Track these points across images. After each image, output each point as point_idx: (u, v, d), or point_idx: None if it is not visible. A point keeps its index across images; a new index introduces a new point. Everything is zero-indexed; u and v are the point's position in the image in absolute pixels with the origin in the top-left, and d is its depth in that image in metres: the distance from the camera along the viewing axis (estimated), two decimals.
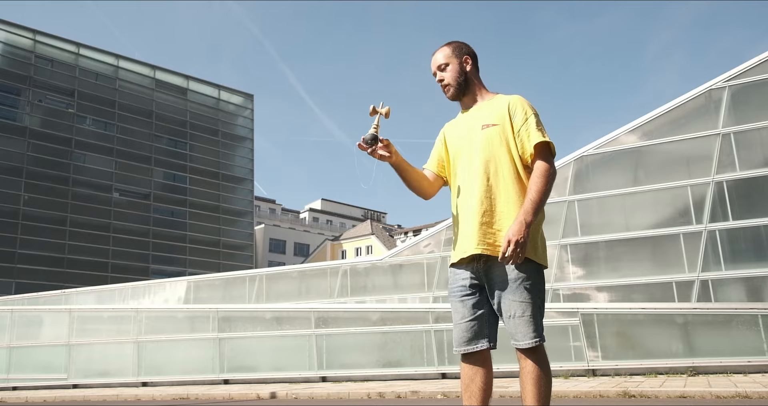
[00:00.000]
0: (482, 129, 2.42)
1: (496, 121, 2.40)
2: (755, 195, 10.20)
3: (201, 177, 49.23)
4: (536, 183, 2.28)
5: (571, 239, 11.25)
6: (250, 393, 9.36)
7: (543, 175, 2.29)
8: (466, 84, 2.52)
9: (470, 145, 2.44)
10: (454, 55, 2.52)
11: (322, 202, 73.58)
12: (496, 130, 2.39)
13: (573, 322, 9.23)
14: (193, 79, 50.96)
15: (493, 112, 2.43)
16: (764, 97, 10.39)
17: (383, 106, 2.42)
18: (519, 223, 2.20)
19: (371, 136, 2.32)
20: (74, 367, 12.86)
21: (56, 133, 42.28)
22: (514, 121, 2.38)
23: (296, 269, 14.86)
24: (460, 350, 2.37)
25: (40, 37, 43.29)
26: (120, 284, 17.88)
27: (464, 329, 2.36)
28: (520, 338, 2.25)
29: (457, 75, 2.50)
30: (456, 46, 2.55)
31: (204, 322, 12.12)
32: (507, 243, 2.18)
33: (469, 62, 2.52)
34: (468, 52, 2.54)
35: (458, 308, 2.40)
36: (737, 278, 10.03)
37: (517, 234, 2.18)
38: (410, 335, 10.48)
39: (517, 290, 2.26)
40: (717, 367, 8.35)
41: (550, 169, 2.31)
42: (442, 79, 2.53)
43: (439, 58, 2.54)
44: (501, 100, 2.46)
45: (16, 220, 39.27)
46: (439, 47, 2.57)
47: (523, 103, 2.42)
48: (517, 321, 2.26)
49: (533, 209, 2.23)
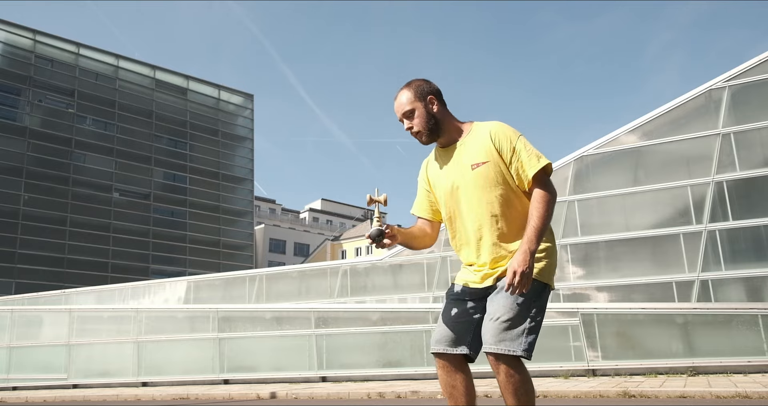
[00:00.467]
0: (473, 169, 2.31)
1: (485, 158, 2.30)
2: (755, 195, 10.20)
3: (201, 177, 49.25)
4: (537, 209, 2.22)
5: (571, 239, 11.25)
6: (250, 393, 9.36)
7: (542, 200, 2.23)
8: (437, 126, 2.38)
9: (465, 187, 2.34)
10: (417, 98, 2.38)
11: (322, 202, 73.59)
12: (488, 166, 2.30)
13: (573, 322, 9.23)
14: (193, 79, 50.98)
15: (479, 149, 2.33)
16: (764, 97, 10.39)
17: (379, 194, 2.39)
18: (523, 252, 2.13)
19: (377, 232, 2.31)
20: (74, 367, 12.86)
21: (56, 133, 42.30)
22: (503, 155, 2.29)
23: (296, 269, 14.87)
24: (436, 349, 2.28)
25: (40, 37, 43.32)
26: (120, 284, 17.89)
27: (448, 329, 2.29)
28: (492, 343, 2.12)
29: (426, 120, 2.37)
30: (417, 88, 2.41)
31: (204, 322, 12.12)
32: (512, 274, 2.10)
33: (435, 102, 2.39)
34: (430, 91, 2.40)
35: (449, 308, 2.34)
36: (737, 278, 10.03)
37: (522, 264, 2.10)
38: (410, 335, 10.49)
39: (510, 296, 2.17)
40: (717, 367, 8.35)
41: (549, 194, 2.25)
42: (411, 127, 2.39)
43: (402, 105, 2.40)
44: (481, 133, 2.35)
45: (16, 220, 39.29)
46: (400, 91, 2.44)
47: (505, 131, 2.33)
48: (496, 324, 2.14)
49: (536, 236, 2.17)
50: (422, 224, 2.56)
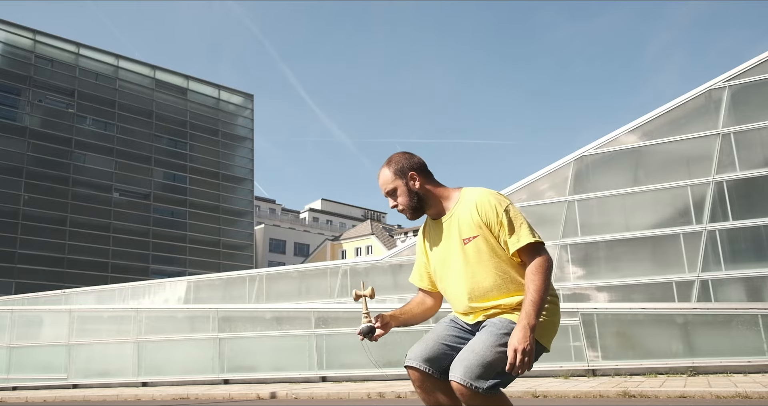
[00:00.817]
0: (465, 244, 2.28)
1: (475, 232, 2.25)
2: (755, 195, 10.20)
3: (201, 177, 49.26)
4: (533, 281, 2.13)
5: (571, 239, 11.25)
6: (250, 393, 9.36)
7: (537, 272, 2.15)
8: (421, 202, 2.36)
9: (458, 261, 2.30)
10: (398, 177, 2.35)
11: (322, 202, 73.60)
12: (479, 241, 2.25)
13: (573, 322, 9.23)
14: (193, 79, 50.99)
15: (468, 223, 2.28)
16: (764, 97, 10.39)
17: (365, 287, 2.38)
18: (523, 328, 2.04)
19: (367, 329, 2.30)
20: (74, 367, 12.86)
21: (56, 133, 42.31)
22: (492, 228, 2.25)
23: (296, 269, 14.87)
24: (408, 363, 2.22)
25: (40, 37, 43.32)
26: (120, 284, 17.89)
27: (428, 347, 2.25)
28: (458, 372, 2.03)
29: (409, 198, 2.35)
30: (397, 164, 2.37)
31: (204, 322, 12.12)
32: (513, 353, 2.01)
33: (416, 178, 2.35)
34: (411, 167, 2.36)
35: (440, 328, 2.32)
36: (737, 278, 10.03)
37: (522, 342, 2.01)
38: (410, 335, 10.47)
39: (493, 335, 2.10)
40: (717, 367, 8.35)
41: (544, 264, 2.17)
42: (395, 205, 2.38)
43: (385, 184, 2.38)
44: (469, 205, 2.29)
45: (16, 220, 39.29)
46: (381, 168, 2.41)
47: (492, 202, 2.26)
48: (467, 355, 2.06)
49: (535, 310, 2.08)
50: (422, 296, 2.52)
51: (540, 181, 11.72)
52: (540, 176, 11.71)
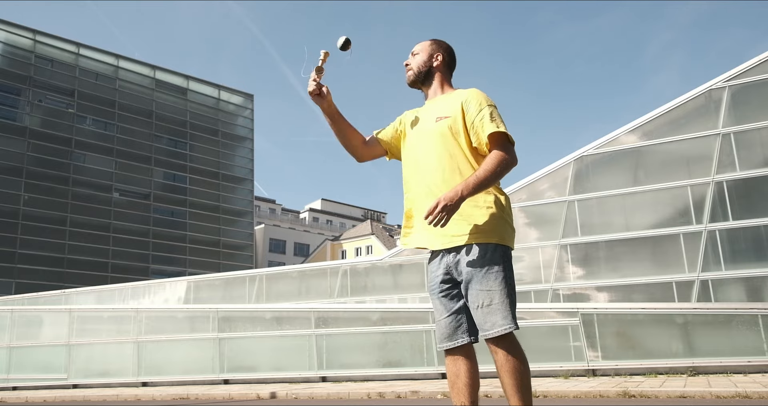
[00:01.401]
0: (435, 121, 2.43)
1: (449, 114, 2.40)
2: (755, 195, 10.20)
3: (201, 177, 49.26)
4: (487, 163, 2.26)
5: (571, 239, 11.25)
6: (250, 393, 9.36)
7: (495, 157, 2.27)
8: (427, 75, 2.55)
9: (423, 136, 2.46)
10: (431, 48, 2.58)
11: (322, 202, 73.59)
12: (447, 122, 2.39)
13: (573, 322, 9.23)
14: (193, 79, 50.99)
15: (448, 105, 2.44)
16: (764, 97, 10.39)
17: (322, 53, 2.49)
18: (455, 191, 2.19)
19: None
20: (74, 367, 12.86)
21: (56, 133, 42.31)
22: (468, 114, 2.37)
23: (296, 269, 14.86)
24: (442, 347, 2.37)
25: (40, 37, 43.32)
26: (120, 284, 17.88)
27: (444, 325, 2.36)
28: (488, 328, 2.22)
29: (422, 64, 2.55)
30: (435, 42, 2.61)
31: (204, 322, 12.12)
32: (435, 205, 2.17)
33: (440, 59, 2.56)
34: (444, 52, 2.59)
35: (437, 304, 2.41)
36: (737, 278, 10.03)
37: (447, 199, 2.17)
38: (410, 335, 10.48)
39: (483, 279, 2.24)
40: (717, 367, 8.35)
41: (505, 156, 2.28)
42: (408, 63, 2.59)
43: (416, 47, 2.60)
44: (458, 94, 2.47)
45: (16, 220, 39.29)
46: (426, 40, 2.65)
47: (478, 95, 2.41)
48: (484, 310, 2.23)
49: (474, 184, 2.21)
50: (369, 137, 2.67)
51: (540, 181, 11.72)
52: (540, 176, 11.71)
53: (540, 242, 11.41)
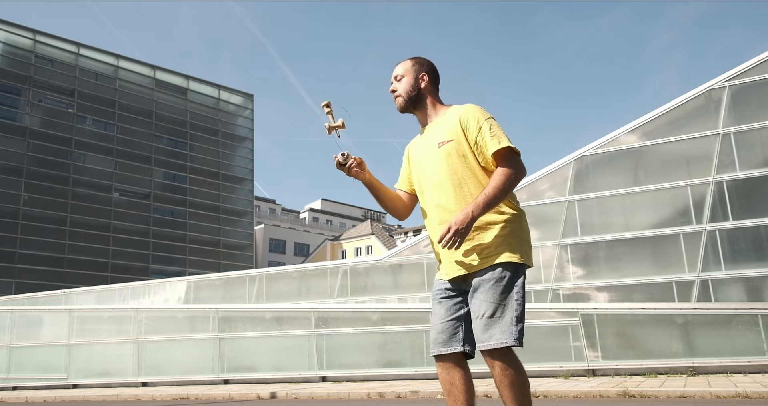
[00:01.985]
0: (439, 147, 2.38)
1: (451, 137, 2.36)
2: (755, 195, 10.20)
3: (201, 177, 49.25)
4: (494, 180, 2.24)
5: (571, 239, 11.25)
6: (250, 393, 9.36)
7: (502, 174, 2.25)
8: (418, 99, 2.50)
9: (430, 164, 2.42)
10: (413, 69, 2.51)
11: (322, 202, 73.59)
12: (452, 146, 2.35)
13: (573, 322, 9.23)
14: (193, 79, 50.98)
15: (447, 128, 2.39)
16: (764, 97, 10.39)
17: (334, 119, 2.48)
18: (465, 214, 2.18)
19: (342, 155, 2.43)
20: (74, 367, 12.86)
21: (56, 133, 42.30)
22: (469, 134, 2.33)
23: (296, 269, 14.86)
24: (433, 352, 2.33)
25: (40, 37, 43.31)
26: (120, 284, 17.88)
27: (439, 330, 2.33)
28: (485, 340, 2.17)
29: (410, 89, 2.49)
30: (417, 61, 2.54)
31: (204, 322, 12.12)
32: (447, 230, 2.17)
33: (426, 79, 2.50)
34: (427, 70, 2.52)
35: (437, 309, 2.38)
36: (737, 278, 10.03)
37: (458, 223, 2.16)
38: (410, 335, 10.48)
39: (490, 290, 2.20)
40: (717, 367, 8.35)
41: (512, 170, 2.26)
42: (395, 89, 2.52)
43: (397, 70, 2.54)
44: (453, 113, 2.42)
45: (16, 220, 39.29)
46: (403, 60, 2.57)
47: (474, 111, 2.36)
48: (483, 321, 2.18)
49: (484, 203, 2.20)
50: (399, 193, 2.65)
51: (540, 181, 11.73)
52: (540, 176, 11.71)
53: (540, 242, 11.41)
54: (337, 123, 2.48)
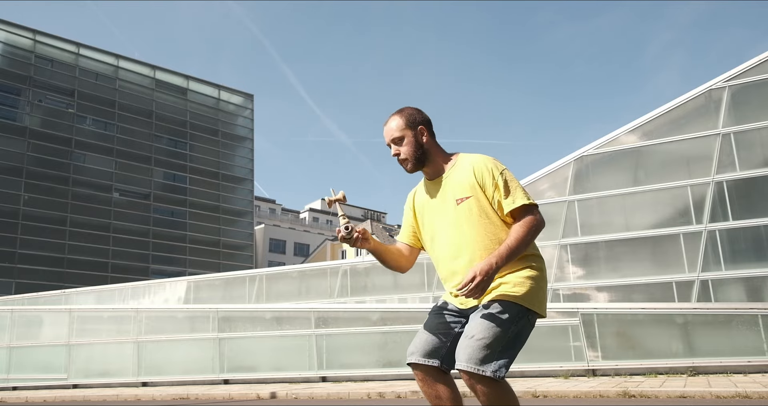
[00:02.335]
0: (458, 204, 2.33)
1: (469, 193, 2.31)
2: (755, 195, 10.20)
3: (201, 177, 49.25)
4: (516, 231, 2.21)
5: (571, 239, 11.25)
6: (250, 393, 9.36)
7: (524, 225, 2.21)
8: (424, 156, 2.41)
9: (448, 221, 2.36)
10: (408, 127, 2.40)
11: (323, 202, 73.58)
12: (472, 202, 2.30)
13: (573, 322, 9.23)
14: (193, 79, 50.98)
15: (463, 184, 2.34)
16: (764, 97, 10.39)
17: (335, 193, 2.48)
18: (488, 263, 2.12)
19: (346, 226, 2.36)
20: (74, 367, 12.86)
21: (56, 133, 42.30)
22: (486, 190, 2.29)
23: (296, 269, 14.86)
24: (410, 360, 2.28)
25: (40, 37, 43.31)
26: (120, 284, 17.89)
27: (424, 340, 2.30)
28: (462, 359, 2.08)
29: (414, 149, 2.39)
30: (410, 116, 2.43)
31: (204, 322, 12.12)
32: (471, 278, 2.10)
33: (425, 132, 2.41)
34: (422, 121, 2.42)
35: (431, 320, 2.36)
36: (737, 278, 10.03)
37: (482, 274, 2.09)
38: (410, 335, 10.48)
39: (488, 316, 2.14)
40: (717, 367, 8.35)
41: (533, 222, 2.22)
42: (398, 153, 2.42)
43: (392, 130, 2.43)
44: (465, 167, 2.36)
45: (16, 220, 39.28)
46: (391, 116, 2.47)
47: (488, 166, 2.32)
48: (468, 342, 2.10)
49: (507, 253, 2.15)
50: (401, 246, 2.58)
51: (540, 181, 11.73)
52: (540, 176, 11.71)
53: (540, 242, 11.29)
54: (337, 196, 2.48)
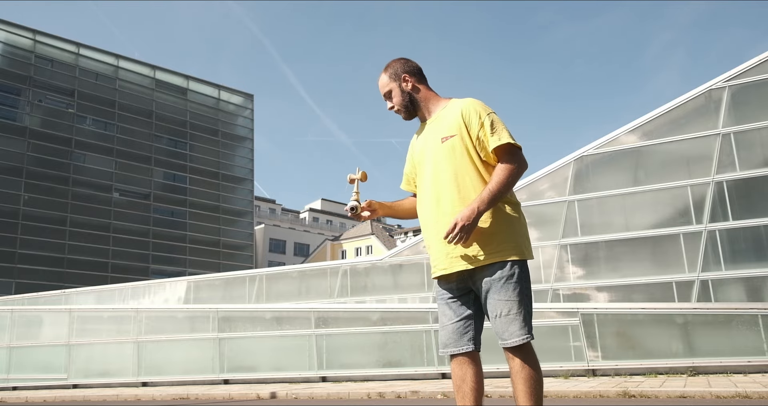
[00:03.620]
0: (442, 142, 2.41)
1: (454, 132, 2.39)
2: (755, 195, 10.20)
3: (201, 177, 49.24)
4: (497, 175, 2.29)
5: (571, 239, 11.25)
6: (250, 393, 9.36)
7: (505, 169, 2.30)
8: (413, 103, 2.52)
9: (433, 159, 2.44)
10: (393, 79, 2.53)
11: (322, 202, 73.57)
12: (455, 140, 2.38)
13: (573, 322, 9.23)
14: (193, 79, 50.97)
15: (449, 123, 2.42)
16: (764, 97, 10.38)
17: (358, 171, 2.61)
18: (470, 209, 2.23)
19: (351, 206, 2.59)
20: (74, 367, 12.86)
21: (56, 133, 42.29)
22: (471, 129, 2.36)
23: (296, 269, 14.86)
24: (446, 352, 2.39)
25: (40, 37, 43.30)
26: (120, 284, 17.88)
27: (451, 331, 2.38)
28: (507, 337, 2.25)
29: (401, 99, 2.52)
30: (392, 68, 2.54)
31: (204, 322, 12.12)
32: (453, 226, 2.21)
33: (409, 80, 2.52)
34: (406, 70, 2.53)
35: (445, 310, 2.42)
36: (737, 278, 10.03)
37: (464, 219, 2.21)
38: (410, 335, 10.48)
39: (502, 289, 2.27)
40: (717, 367, 8.35)
41: (514, 165, 2.30)
42: (392, 107, 2.55)
43: (382, 87, 2.56)
44: (454, 109, 2.44)
45: (16, 220, 39.27)
46: (380, 74, 2.58)
47: (476, 107, 2.39)
48: (503, 320, 2.26)
49: (489, 198, 2.25)
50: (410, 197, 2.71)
51: (540, 181, 11.72)
52: (540, 176, 11.71)
53: (540, 242, 11.40)
54: (358, 175, 2.61)
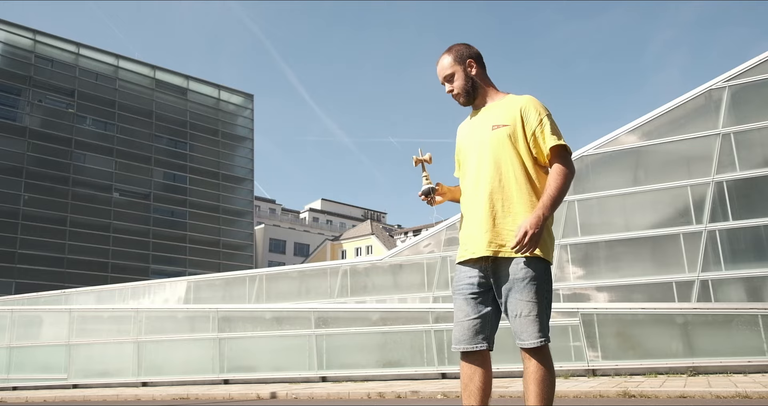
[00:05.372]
0: (492, 129, 2.41)
1: (507, 122, 2.40)
2: (755, 195, 10.19)
3: (201, 177, 49.23)
4: (555, 180, 2.31)
5: (571, 239, 11.25)
6: (250, 393, 9.36)
7: (561, 173, 2.33)
8: (474, 89, 2.51)
9: (480, 145, 2.45)
10: (457, 62, 2.50)
11: (322, 202, 73.58)
12: (507, 130, 2.39)
13: (573, 322, 9.23)
14: (193, 79, 50.95)
15: (504, 113, 2.42)
16: (764, 97, 10.38)
17: (423, 153, 2.58)
18: (536, 216, 2.24)
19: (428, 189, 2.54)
20: (74, 367, 12.86)
21: (56, 133, 42.28)
22: (527, 123, 2.38)
23: (296, 269, 14.85)
24: (459, 348, 2.37)
25: (40, 37, 43.28)
26: (120, 284, 17.87)
27: (466, 328, 2.36)
28: (525, 338, 2.26)
29: (464, 83, 2.50)
30: (457, 51, 2.51)
31: (204, 322, 12.12)
32: (523, 234, 2.21)
33: (474, 65, 2.50)
34: (471, 55, 2.51)
35: (462, 305, 2.40)
36: (737, 278, 10.03)
37: (533, 226, 2.22)
38: (410, 335, 10.48)
39: (525, 289, 2.27)
40: (717, 367, 8.35)
41: (568, 170, 2.34)
42: (451, 90, 2.52)
43: (444, 69, 2.52)
44: (513, 101, 2.45)
45: (16, 220, 39.26)
46: (442, 55, 2.54)
47: (536, 104, 2.41)
48: (522, 320, 2.27)
49: (551, 203, 2.27)
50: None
51: None
52: None
53: None
54: (424, 157, 2.58)
